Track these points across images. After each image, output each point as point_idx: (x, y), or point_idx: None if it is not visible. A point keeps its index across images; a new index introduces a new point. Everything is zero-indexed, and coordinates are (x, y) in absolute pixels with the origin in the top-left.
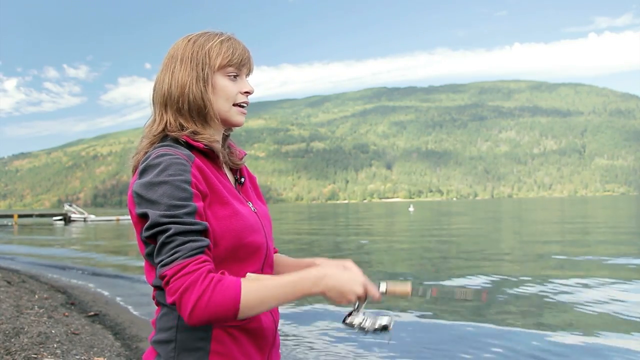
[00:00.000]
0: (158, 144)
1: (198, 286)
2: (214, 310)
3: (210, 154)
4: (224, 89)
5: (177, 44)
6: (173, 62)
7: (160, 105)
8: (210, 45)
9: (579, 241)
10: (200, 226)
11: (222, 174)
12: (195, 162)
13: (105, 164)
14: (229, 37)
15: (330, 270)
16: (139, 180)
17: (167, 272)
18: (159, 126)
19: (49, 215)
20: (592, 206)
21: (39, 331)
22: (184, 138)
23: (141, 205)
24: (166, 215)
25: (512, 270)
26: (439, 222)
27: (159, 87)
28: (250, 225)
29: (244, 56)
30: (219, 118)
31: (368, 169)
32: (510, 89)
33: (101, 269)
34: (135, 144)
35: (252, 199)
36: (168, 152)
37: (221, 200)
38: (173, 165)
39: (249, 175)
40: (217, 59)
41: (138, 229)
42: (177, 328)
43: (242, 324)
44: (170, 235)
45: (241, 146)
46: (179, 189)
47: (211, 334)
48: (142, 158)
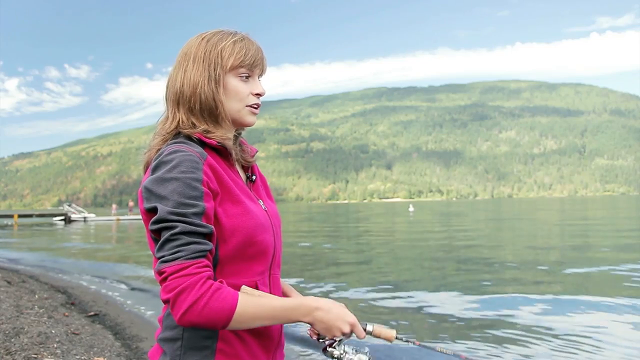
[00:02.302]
0: (171, 140)
1: (196, 290)
2: (207, 316)
3: (222, 152)
4: (236, 89)
5: (191, 42)
6: (186, 61)
7: (173, 103)
8: (223, 45)
9: (586, 246)
10: (206, 229)
11: (234, 172)
12: (207, 160)
13: (105, 164)
14: (243, 37)
15: (323, 303)
16: (151, 175)
17: (167, 269)
18: (171, 124)
19: (49, 215)
20: (594, 206)
21: (39, 331)
22: (196, 135)
23: (150, 199)
24: (174, 213)
25: (517, 290)
26: (439, 223)
27: (171, 84)
28: (261, 223)
29: (257, 57)
30: (230, 118)
31: (368, 169)
32: (510, 89)
33: (101, 269)
34: (136, 144)
35: (262, 197)
36: (181, 149)
37: (232, 198)
38: (185, 162)
39: (259, 175)
40: (229, 59)
41: (147, 225)
42: (184, 326)
43: None
44: (175, 233)
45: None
46: (190, 187)
47: (218, 333)
48: (155, 155)
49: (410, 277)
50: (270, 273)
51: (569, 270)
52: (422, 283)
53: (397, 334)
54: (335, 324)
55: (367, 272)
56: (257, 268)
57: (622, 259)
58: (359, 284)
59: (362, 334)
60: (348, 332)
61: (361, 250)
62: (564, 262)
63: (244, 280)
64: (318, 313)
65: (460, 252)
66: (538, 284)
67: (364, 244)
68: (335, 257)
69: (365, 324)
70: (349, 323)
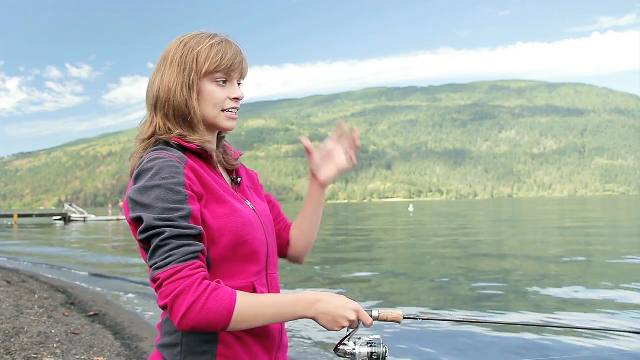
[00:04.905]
0: (151, 148)
1: (193, 292)
2: (206, 317)
3: (203, 155)
4: (211, 95)
5: (170, 45)
6: (164, 65)
7: (152, 107)
8: (200, 49)
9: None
10: (194, 230)
11: (217, 174)
12: (188, 163)
13: (105, 164)
14: (222, 40)
15: (324, 295)
16: (133, 186)
17: (161, 275)
18: (149, 129)
19: (49, 215)
20: (595, 207)
21: (39, 331)
22: (175, 140)
23: (135, 209)
24: (160, 219)
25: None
26: (439, 224)
27: (150, 88)
28: (249, 222)
29: (235, 61)
30: (206, 124)
31: (368, 168)
32: (511, 89)
33: (101, 269)
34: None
35: (250, 198)
36: (160, 156)
37: (218, 199)
38: (165, 169)
39: (247, 174)
40: (204, 64)
41: (135, 234)
42: (183, 331)
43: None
44: (164, 239)
45: (241, 146)
46: (173, 192)
47: (217, 336)
48: (137, 163)
49: (409, 280)
50: (267, 273)
51: (569, 259)
52: (422, 291)
53: (405, 315)
54: (339, 313)
55: (367, 271)
56: (253, 269)
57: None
58: (359, 289)
59: (369, 320)
60: (355, 320)
61: (361, 251)
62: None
63: (240, 282)
64: (320, 305)
65: (459, 252)
66: (540, 285)
67: (364, 245)
68: (335, 256)
69: (371, 310)
70: (354, 310)
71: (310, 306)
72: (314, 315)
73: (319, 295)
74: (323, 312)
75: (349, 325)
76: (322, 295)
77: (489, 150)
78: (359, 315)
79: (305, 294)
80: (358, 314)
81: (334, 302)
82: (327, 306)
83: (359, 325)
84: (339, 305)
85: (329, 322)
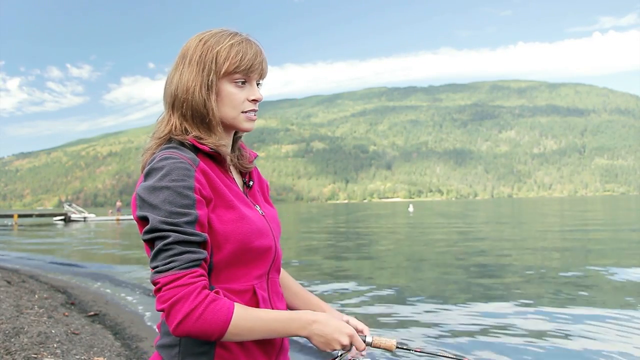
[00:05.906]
0: (164, 145)
1: (191, 300)
2: (201, 326)
3: (217, 157)
4: (230, 96)
5: (190, 42)
6: (182, 63)
7: (169, 106)
8: (219, 48)
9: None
10: (199, 237)
11: (229, 178)
12: (199, 166)
13: (105, 164)
14: (242, 39)
15: (321, 316)
16: (143, 182)
17: (161, 280)
18: (165, 127)
19: (49, 215)
20: (595, 207)
21: (39, 331)
22: (190, 141)
23: (142, 208)
24: (166, 222)
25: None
26: (439, 224)
27: (168, 86)
28: (257, 229)
29: (254, 61)
30: (224, 125)
31: (368, 168)
32: (511, 89)
33: (101, 269)
34: (136, 144)
35: (259, 203)
36: (172, 156)
37: (227, 204)
38: (176, 170)
39: (259, 179)
40: (224, 64)
41: (141, 231)
42: (178, 336)
43: None
44: (168, 243)
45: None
46: (181, 196)
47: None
48: (149, 159)
49: (409, 281)
50: (268, 277)
51: (572, 273)
52: (422, 290)
53: (398, 344)
54: (333, 337)
55: (366, 272)
56: (255, 272)
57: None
58: (359, 292)
59: (362, 346)
60: (347, 344)
61: (361, 251)
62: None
63: (240, 285)
64: (315, 326)
65: (459, 252)
66: (542, 287)
67: (364, 245)
68: (335, 257)
69: (365, 336)
70: (348, 335)
71: (305, 326)
72: (308, 335)
73: (316, 316)
74: (317, 334)
75: (340, 348)
76: (318, 317)
77: (489, 150)
78: (352, 340)
79: (303, 313)
80: (351, 339)
81: (329, 325)
82: (322, 328)
83: (351, 349)
84: (334, 329)
85: (322, 343)
